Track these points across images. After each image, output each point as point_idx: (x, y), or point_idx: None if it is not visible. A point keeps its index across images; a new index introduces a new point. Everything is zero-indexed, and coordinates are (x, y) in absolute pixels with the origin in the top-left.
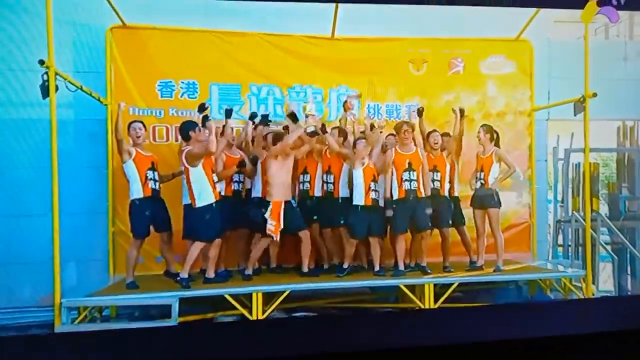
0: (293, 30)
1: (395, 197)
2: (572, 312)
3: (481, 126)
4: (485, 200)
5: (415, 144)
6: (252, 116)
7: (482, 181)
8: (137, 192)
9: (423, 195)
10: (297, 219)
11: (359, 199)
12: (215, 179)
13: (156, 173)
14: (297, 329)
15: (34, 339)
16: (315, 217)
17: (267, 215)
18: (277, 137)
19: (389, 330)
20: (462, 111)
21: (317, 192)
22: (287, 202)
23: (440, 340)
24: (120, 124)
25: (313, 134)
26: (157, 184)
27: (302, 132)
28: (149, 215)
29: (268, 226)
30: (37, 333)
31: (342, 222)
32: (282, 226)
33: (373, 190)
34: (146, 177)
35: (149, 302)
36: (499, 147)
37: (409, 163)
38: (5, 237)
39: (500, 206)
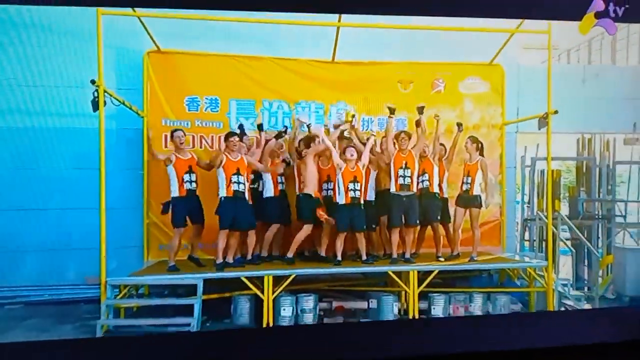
0: (299, 55)
1: (393, 190)
2: (566, 322)
3: (469, 137)
4: (469, 201)
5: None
6: (260, 127)
7: (469, 185)
8: (175, 192)
9: (415, 190)
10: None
11: (340, 198)
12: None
13: (193, 174)
14: (296, 338)
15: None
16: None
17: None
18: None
19: (387, 339)
20: (459, 126)
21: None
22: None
23: (439, 350)
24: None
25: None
26: (194, 184)
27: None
28: (185, 210)
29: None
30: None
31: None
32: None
33: (352, 190)
34: (183, 179)
35: (179, 282)
36: (483, 156)
37: (405, 162)
38: (58, 227)
39: (482, 207)
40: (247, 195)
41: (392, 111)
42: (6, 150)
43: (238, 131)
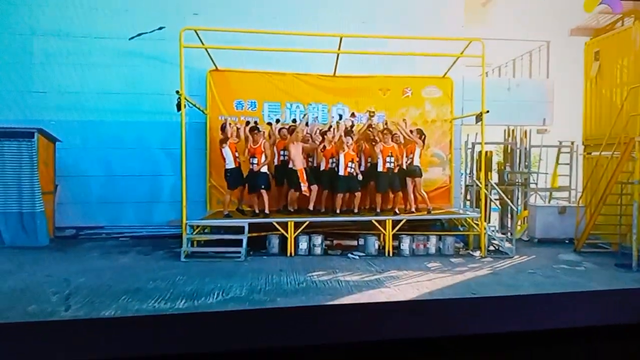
0: (311, 71)
1: (380, 169)
2: (567, 304)
3: (416, 129)
4: (413, 172)
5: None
6: (277, 121)
7: (411, 159)
8: (230, 164)
9: (395, 170)
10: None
11: (341, 171)
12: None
13: (237, 154)
14: (289, 319)
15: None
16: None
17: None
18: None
19: (382, 321)
20: (420, 133)
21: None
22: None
23: (432, 333)
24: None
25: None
26: (237, 160)
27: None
28: (235, 177)
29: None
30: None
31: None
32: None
33: (349, 167)
34: (235, 156)
35: (232, 224)
36: (423, 142)
37: (390, 152)
38: (151, 187)
39: (422, 176)
40: (265, 169)
41: (371, 114)
42: (116, 135)
43: (274, 123)
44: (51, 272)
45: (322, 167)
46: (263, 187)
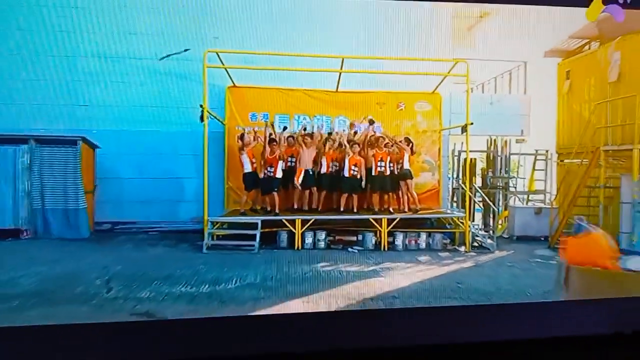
0: (317, 87)
1: (373, 173)
2: (563, 314)
3: (404, 137)
4: (405, 175)
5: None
6: (284, 129)
7: (401, 165)
8: (247, 169)
9: (388, 174)
10: (310, 181)
11: (345, 173)
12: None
13: (254, 160)
14: (295, 325)
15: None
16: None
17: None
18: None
19: (384, 328)
20: (408, 141)
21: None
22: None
23: (432, 340)
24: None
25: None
26: (254, 165)
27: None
28: (252, 180)
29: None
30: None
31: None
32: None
33: (353, 170)
34: (252, 162)
35: (247, 221)
36: (412, 150)
37: (381, 157)
38: (177, 188)
39: (413, 178)
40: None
41: (371, 122)
42: (147, 142)
43: (282, 130)
44: (92, 261)
45: (324, 170)
46: (275, 190)
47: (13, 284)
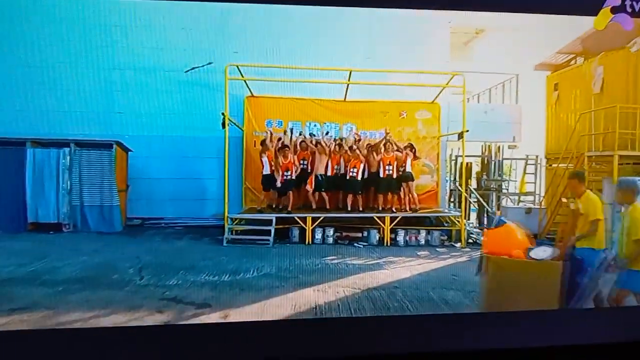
0: (327, 97)
1: (381, 175)
2: (570, 321)
3: (408, 144)
4: (407, 177)
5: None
6: (298, 133)
7: (404, 168)
8: (266, 171)
9: (395, 176)
10: (321, 185)
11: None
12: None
13: (273, 162)
14: (301, 332)
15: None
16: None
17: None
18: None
19: (378, 335)
20: (411, 147)
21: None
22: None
23: (434, 348)
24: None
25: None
26: (272, 167)
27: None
28: (269, 181)
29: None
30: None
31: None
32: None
33: (352, 172)
34: (271, 164)
35: (263, 218)
36: (415, 155)
37: (389, 161)
38: (200, 188)
39: (414, 180)
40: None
41: (387, 131)
42: (174, 146)
43: (289, 133)
44: (126, 252)
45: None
46: (290, 191)
47: (58, 271)
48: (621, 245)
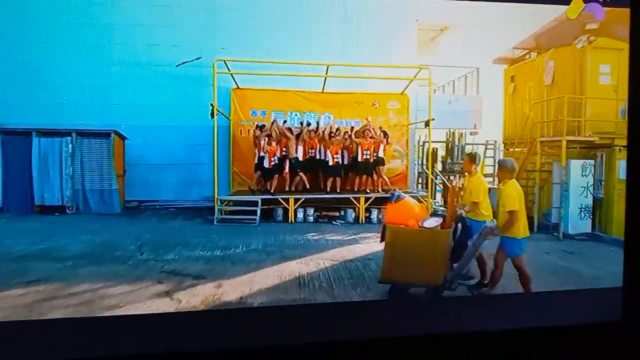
0: (306, 88)
1: (359, 159)
2: (546, 304)
3: (381, 130)
4: (379, 162)
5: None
6: (284, 122)
7: (376, 153)
8: (261, 154)
9: (371, 160)
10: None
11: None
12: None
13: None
14: (288, 318)
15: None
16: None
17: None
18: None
19: (373, 320)
20: (385, 133)
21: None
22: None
23: (422, 330)
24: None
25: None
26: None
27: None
28: (261, 164)
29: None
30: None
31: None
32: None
33: (335, 158)
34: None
35: (250, 199)
36: (387, 141)
37: (367, 147)
38: (191, 172)
39: (385, 165)
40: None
41: (367, 121)
42: (167, 135)
43: (277, 122)
44: (125, 231)
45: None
46: (275, 174)
47: (66, 248)
48: (497, 215)
